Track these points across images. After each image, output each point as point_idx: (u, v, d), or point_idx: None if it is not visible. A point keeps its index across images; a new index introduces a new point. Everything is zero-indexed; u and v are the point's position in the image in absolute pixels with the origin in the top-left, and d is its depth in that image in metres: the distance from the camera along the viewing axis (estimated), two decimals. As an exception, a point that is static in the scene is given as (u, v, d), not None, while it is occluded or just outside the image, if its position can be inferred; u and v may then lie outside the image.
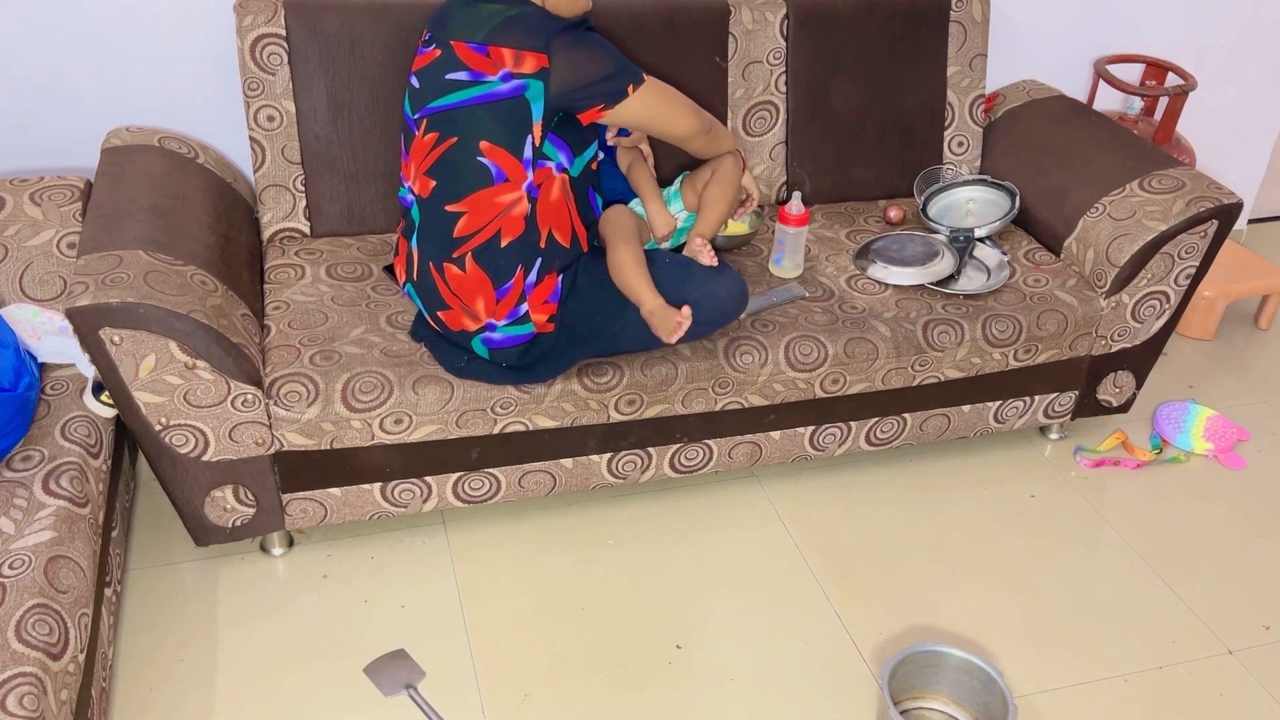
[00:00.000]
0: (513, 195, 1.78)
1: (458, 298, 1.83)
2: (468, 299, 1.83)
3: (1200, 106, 3.04)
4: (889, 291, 2.20)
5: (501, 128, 1.74)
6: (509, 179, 1.77)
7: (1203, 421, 2.51)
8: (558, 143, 1.79)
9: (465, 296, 1.82)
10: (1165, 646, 1.97)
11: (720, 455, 2.14)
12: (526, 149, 1.76)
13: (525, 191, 1.78)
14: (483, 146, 1.75)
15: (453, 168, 1.78)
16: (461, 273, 1.81)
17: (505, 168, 1.76)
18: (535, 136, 1.75)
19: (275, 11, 2.08)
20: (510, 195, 1.78)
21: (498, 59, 1.71)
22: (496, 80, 1.72)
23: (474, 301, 1.82)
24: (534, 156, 1.77)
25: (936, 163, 2.57)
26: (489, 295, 1.82)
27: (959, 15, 2.48)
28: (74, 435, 1.73)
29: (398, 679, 1.80)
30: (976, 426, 2.31)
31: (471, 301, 1.83)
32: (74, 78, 2.20)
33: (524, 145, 1.75)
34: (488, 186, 1.77)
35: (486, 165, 1.76)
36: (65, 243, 1.95)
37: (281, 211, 2.20)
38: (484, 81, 1.72)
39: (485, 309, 1.83)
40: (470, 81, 1.73)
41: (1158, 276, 2.22)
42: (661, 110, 1.84)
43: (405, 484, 1.97)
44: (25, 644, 1.38)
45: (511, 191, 1.77)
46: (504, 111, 1.73)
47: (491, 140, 1.75)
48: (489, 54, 1.72)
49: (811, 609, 2.00)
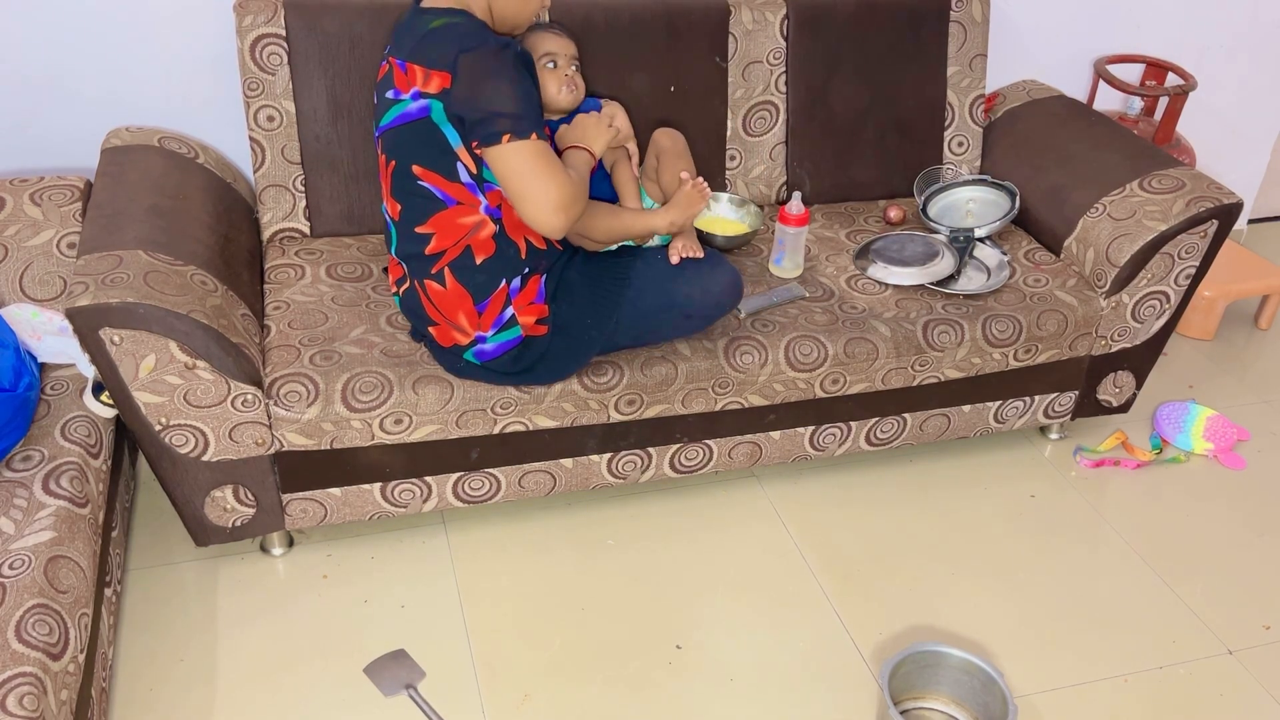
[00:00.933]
0: (473, 218, 1.73)
1: (442, 314, 1.81)
2: (450, 314, 1.81)
3: (1200, 106, 3.04)
4: (889, 291, 2.20)
5: (424, 150, 1.67)
6: (460, 201, 1.71)
7: (1203, 421, 2.51)
8: None
9: (448, 312, 1.81)
10: (1165, 646, 1.97)
11: (720, 455, 2.14)
12: (461, 173, 1.69)
13: (486, 215, 1.73)
14: (415, 170, 1.70)
15: (406, 191, 1.74)
16: (442, 288, 1.79)
17: (448, 190, 1.70)
18: (466, 162, 1.67)
19: (275, 11, 2.08)
20: (471, 218, 1.73)
21: (412, 77, 1.64)
22: (408, 99, 1.65)
23: (456, 317, 1.81)
24: (476, 182, 1.70)
25: (936, 163, 2.57)
26: (469, 310, 1.80)
27: (959, 15, 2.48)
28: (74, 435, 1.73)
29: (398, 679, 1.80)
30: (976, 426, 2.31)
31: (454, 317, 1.81)
32: (74, 78, 2.20)
33: (455, 169, 1.68)
34: (442, 209, 1.72)
35: (428, 189, 1.71)
36: (65, 243, 1.95)
37: (281, 211, 2.20)
38: (400, 100, 1.66)
39: (469, 323, 1.81)
40: (394, 100, 1.68)
41: (1158, 276, 2.22)
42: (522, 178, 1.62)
43: (405, 484, 1.97)
44: (25, 644, 1.38)
45: (470, 214, 1.72)
46: (420, 133, 1.66)
47: (420, 164, 1.69)
48: (407, 71, 1.65)
49: (811, 609, 2.00)
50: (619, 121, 1.99)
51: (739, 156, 2.44)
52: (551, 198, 1.63)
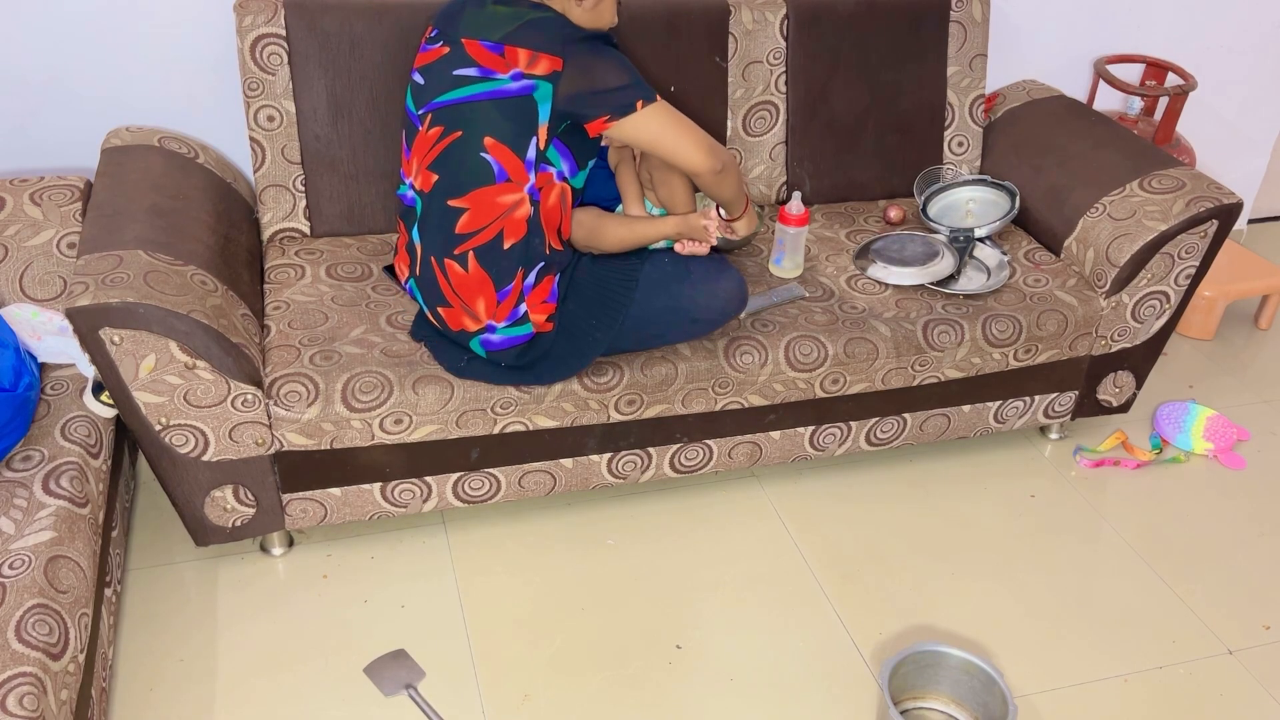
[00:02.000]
0: (514, 196, 1.78)
1: (459, 296, 1.83)
2: (468, 299, 1.83)
3: (1200, 106, 3.04)
4: (889, 291, 2.20)
5: (507, 124, 1.74)
6: (511, 179, 1.77)
7: (1203, 421, 2.51)
8: (563, 150, 1.79)
9: (466, 296, 1.82)
10: (1165, 646, 1.97)
11: (720, 455, 2.14)
12: (530, 149, 1.76)
13: (528, 194, 1.78)
14: (486, 142, 1.75)
15: (456, 162, 1.78)
16: (464, 271, 1.81)
17: (507, 166, 1.76)
18: (540, 139, 1.76)
19: (275, 11, 2.08)
20: (512, 196, 1.78)
21: (511, 59, 1.72)
22: (506, 79, 1.72)
23: (474, 302, 1.82)
24: (536, 159, 1.77)
25: (936, 163, 2.57)
26: (490, 296, 1.82)
27: (959, 15, 2.48)
28: (74, 435, 1.73)
29: (398, 679, 1.81)
30: (976, 426, 2.31)
31: (472, 302, 1.83)
32: (74, 78, 2.20)
33: (528, 145, 1.76)
34: (489, 184, 1.77)
35: (489, 162, 1.76)
36: (65, 243, 1.95)
37: (281, 211, 2.20)
38: (494, 79, 1.73)
39: (486, 310, 1.83)
40: (479, 78, 1.74)
41: (1158, 276, 2.22)
42: (667, 134, 1.80)
43: (405, 484, 1.97)
44: (25, 644, 1.38)
45: (513, 192, 1.78)
46: (511, 108, 1.73)
47: (496, 136, 1.75)
48: (504, 53, 1.72)
49: (811, 609, 2.00)
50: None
51: (739, 156, 2.44)
52: (702, 142, 1.82)
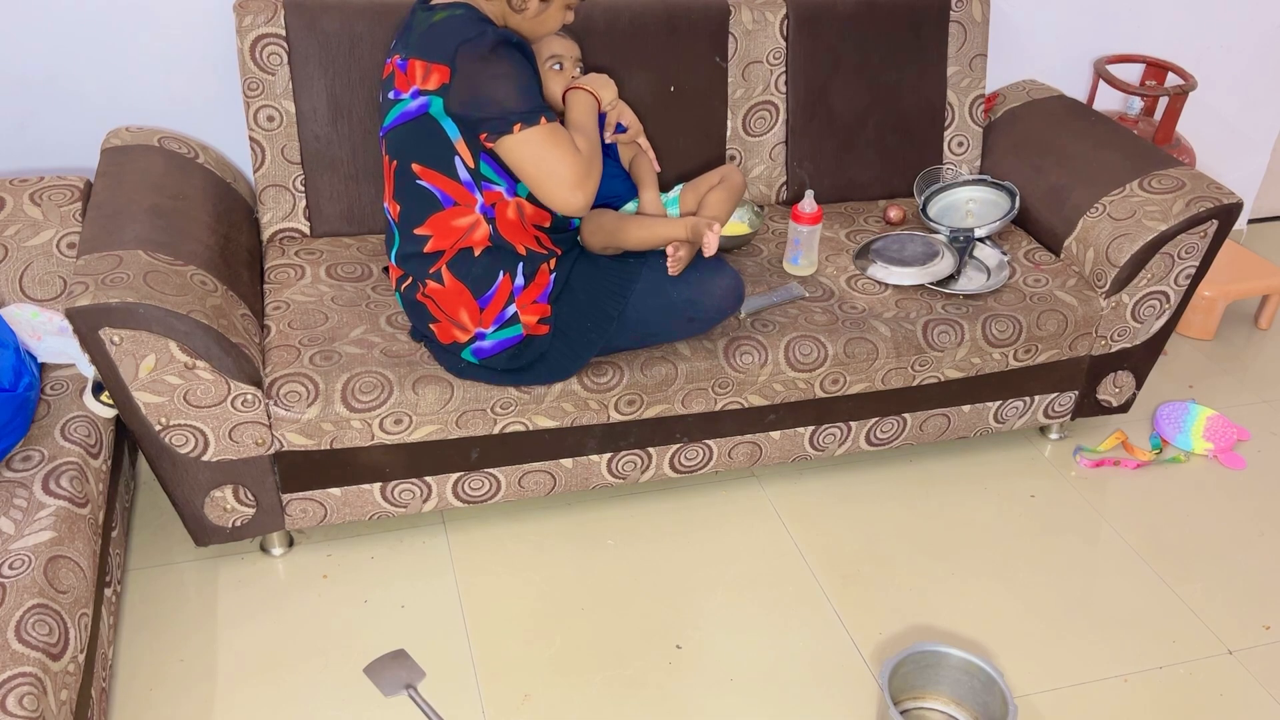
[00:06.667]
0: (468, 218, 1.73)
1: (443, 311, 1.81)
2: (451, 311, 1.81)
3: (1200, 106, 3.04)
4: (889, 291, 2.20)
5: (423, 148, 1.67)
6: (457, 202, 1.71)
7: (1203, 421, 2.51)
8: (495, 167, 1.72)
9: (449, 309, 1.81)
10: (1165, 646, 1.97)
11: (720, 455, 2.14)
12: (460, 170, 1.69)
13: (481, 214, 1.73)
14: (415, 169, 1.71)
15: (407, 192, 1.74)
16: (441, 286, 1.79)
17: (446, 190, 1.70)
18: (465, 157, 1.68)
19: (275, 11, 2.08)
20: (466, 219, 1.73)
21: (411, 75, 1.65)
22: (408, 98, 1.65)
23: (457, 313, 1.80)
24: (475, 178, 1.70)
25: (936, 163, 2.57)
26: (471, 305, 1.80)
27: (959, 15, 2.48)
28: (74, 435, 1.73)
29: (398, 679, 1.81)
30: (976, 426, 2.31)
31: (455, 314, 1.81)
32: (74, 78, 2.20)
33: (454, 166, 1.69)
34: (439, 210, 1.73)
35: (427, 189, 1.71)
36: (65, 243, 1.95)
37: (281, 211, 2.20)
38: (401, 99, 1.67)
39: (470, 319, 1.81)
40: (394, 100, 1.69)
41: (1158, 276, 2.22)
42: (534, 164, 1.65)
43: (405, 484, 1.97)
44: (25, 644, 1.38)
45: (465, 215, 1.73)
46: (417, 130, 1.67)
47: (419, 162, 1.69)
48: (406, 70, 1.65)
49: (811, 609, 2.00)
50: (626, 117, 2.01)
51: (739, 156, 2.44)
52: (566, 177, 1.66)
